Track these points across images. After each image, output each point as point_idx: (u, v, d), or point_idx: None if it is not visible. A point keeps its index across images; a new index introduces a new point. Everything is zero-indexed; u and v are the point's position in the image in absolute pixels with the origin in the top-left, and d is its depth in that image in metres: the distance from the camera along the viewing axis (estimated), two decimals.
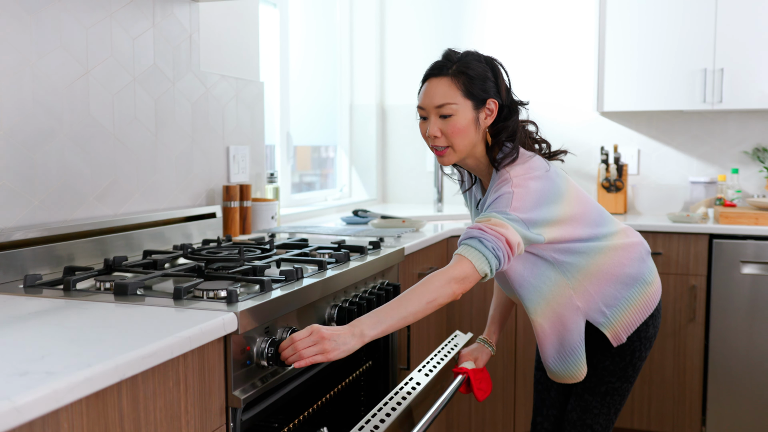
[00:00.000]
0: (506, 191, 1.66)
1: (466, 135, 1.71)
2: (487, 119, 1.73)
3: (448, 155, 1.74)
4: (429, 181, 3.90)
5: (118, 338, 1.10)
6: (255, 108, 2.69)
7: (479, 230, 1.60)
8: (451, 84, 1.70)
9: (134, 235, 2.01)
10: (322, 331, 1.39)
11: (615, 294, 1.82)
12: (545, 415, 2.07)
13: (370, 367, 2.11)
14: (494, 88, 1.74)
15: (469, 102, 1.70)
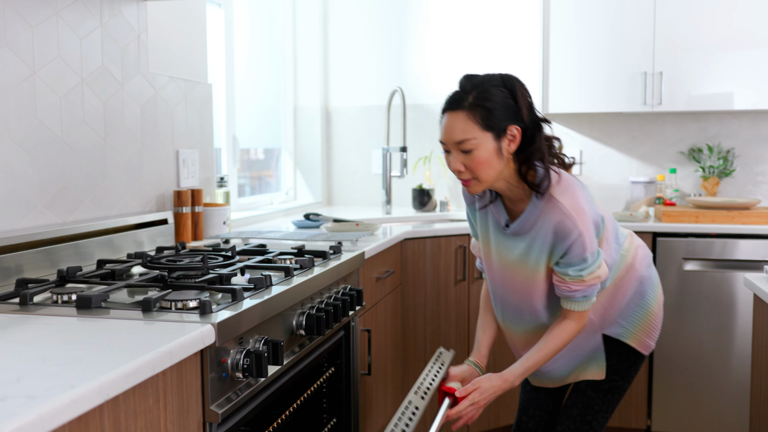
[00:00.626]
0: (575, 236, 1.70)
1: (489, 166, 1.69)
2: (510, 145, 1.69)
3: (473, 186, 1.73)
4: (374, 183, 3.88)
5: (94, 355, 1.04)
6: (204, 110, 2.62)
7: (583, 290, 1.74)
8: (468, 118, 1.67)
9: (83, 244, 1.92)
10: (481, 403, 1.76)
11: (632, 306, 1.91)
12: (531, 415, 2.09)
13: (332, 374, 2.08)
14: (515, 112, 1.68)
15: (488, 134, 1.67)
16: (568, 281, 1.74)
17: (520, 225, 1.78)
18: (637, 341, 1.91)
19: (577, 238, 1.69)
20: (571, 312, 1.78)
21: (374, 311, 2.44)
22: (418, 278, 2.87)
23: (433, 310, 2.91)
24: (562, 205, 1.70)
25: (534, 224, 1.75)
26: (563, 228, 1.70)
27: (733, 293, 2.97)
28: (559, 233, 1.70)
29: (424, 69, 3.78)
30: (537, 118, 1.72)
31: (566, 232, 1.69)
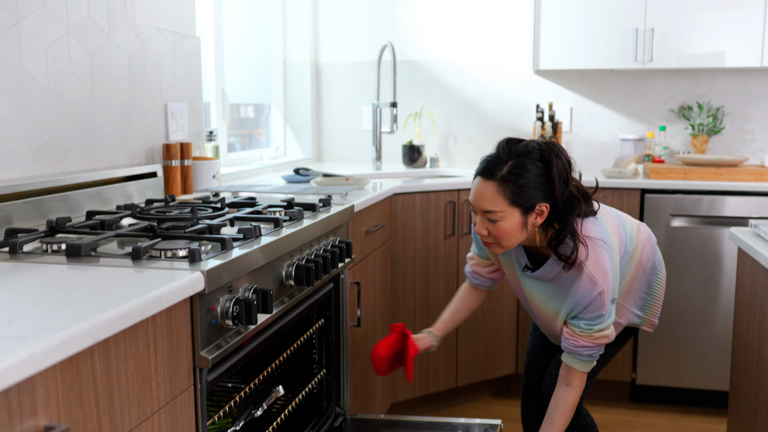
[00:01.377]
0: (596, 294, 1.75)
1: (512, 236, 1.73)
2: (537, 219, 1.71)
3: (495, 249, 1.78)
4: (364, 139, 3.87)
5: (84, 300, 1.05)
6: (192, 63, 2.59)
7: (589, 347, 1.80)
8: (498, 191, 1.69)
9: (72, 195, 1.92)
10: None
11: (643, 296, 2.01)
12: (540, 359, 2.18)
13: (322, 326, 2.10)
14: (547, 189, 1.69)
15: (516, 209, 1.69)
16: (577, 334, 1.80)
17: (543, 273, 1.83)
18: (648, 324, 2.05)
19: (597, 296, 1.75)
20: (572, 373, 1.84)
21: (363, 264, 2.46)
22: (407, 233, 2.88)
23: (423, 264, 2.94)
24: (585, 266, 1.75)
25: (556, 275, 1.81)
26: (585, 286, 1.75)
27: (720, 249, 3.01)
28: (581, 290, 1.76)
29: (415, 24, 3.75)
30: (570, 195, 1.71)
31: (588, 290, 1.75)
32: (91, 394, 0.99)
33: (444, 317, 2.14)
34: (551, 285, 1.84)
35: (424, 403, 3.11)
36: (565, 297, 1.80)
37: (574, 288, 1.78)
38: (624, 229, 1.96)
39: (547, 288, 1.85)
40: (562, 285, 1.81)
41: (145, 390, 1.12)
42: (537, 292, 1.89)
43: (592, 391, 3.24)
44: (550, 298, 1.86)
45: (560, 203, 1.70)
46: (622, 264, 1.94)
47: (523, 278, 1.92)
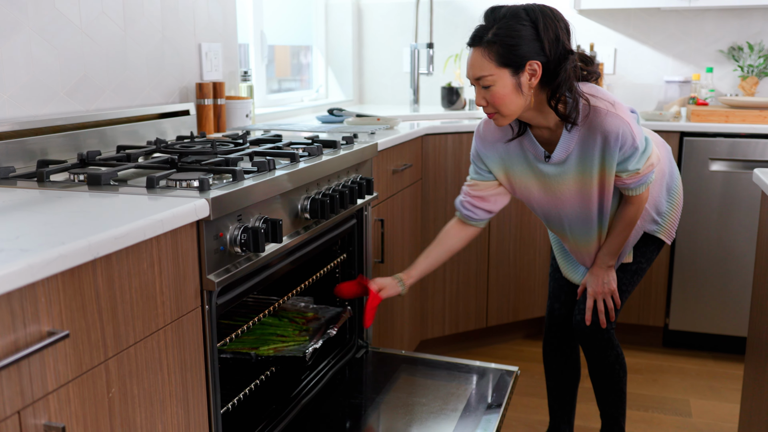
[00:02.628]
0: (623, 128, 1.75)
1: (510, 101, 1.72)
2: (531, 80, 1.71)
3: (498, 119, 1.78)
4: (405, 81, 3.88)
5: (91, 222, 1.13)
6: (227, 4, 2.64)
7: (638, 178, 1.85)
8: (484, 55, 1.70)
9: (108, 131, 2.01)
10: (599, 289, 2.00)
11: (662, 201, 2.05)
12: (563, 302, 2.21)
13: (344, 260, 2.17)
14: (536, 46, 1.68)
15: (505, 70, 1.69)
16: (624, 177, 1.84)
17: (561, 151, 1.83)
18: (666, 234, 2.08)
19: (625, 132, 1.75)
20: (630, 197, 1.91)
21: (390, 203, 2.51)
22: (438, 173, 2.91)
23: (453, 205, 2.96)
24: (598, 108, 1.75)
25: (576, 142, 1.80)
26: (609, 131, 1.75)
27: (757, 194, 2.94)
28: (607, 138, 1.76)
29: None
30: (563, 50, 1.70)
31: (613, 134, 1.75)
32: (94, 306, 1.07)
33: (418, 262, 2.06)
34: (575, 157, 1.83)
35: (454, 342, 3.18)
36: (595, 155, 1.80)
37: (600, 137, 1.77)
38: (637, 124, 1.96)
39: (573, 167, 1.85)
40: (585, 149, 1.81)
41: (150, 307, 1.21)
42: (565, 178, 1.88)
43: (624, 335, 3.25)
44: (580, 173, 1.85)
45: (552, 59, 1.69)
46: None
47: (546, 177, 1.90)
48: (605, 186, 1.87)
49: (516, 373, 2.11)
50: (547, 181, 1.92)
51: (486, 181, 2.01)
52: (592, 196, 1.90)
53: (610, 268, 2.02)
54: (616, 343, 2.09)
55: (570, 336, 2.21)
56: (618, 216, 1.95)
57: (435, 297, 3.00)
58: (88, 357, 1.06)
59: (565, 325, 2.20)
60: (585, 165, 1.84)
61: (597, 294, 2.02)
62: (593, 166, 1.83)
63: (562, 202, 1.94)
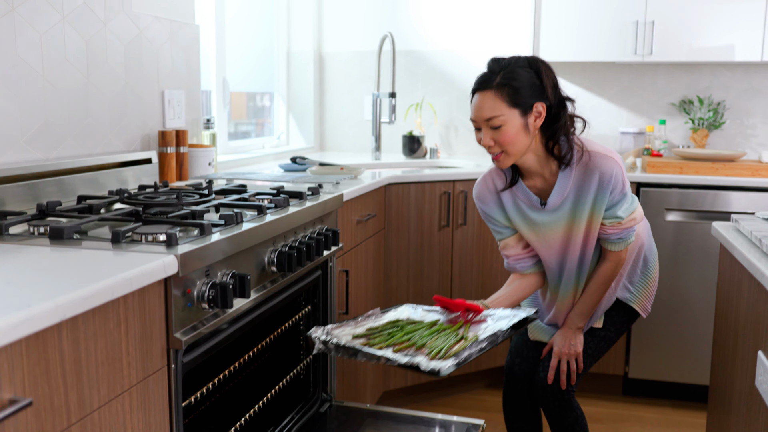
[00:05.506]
0: (616, 170, 1.86)
1: (517, 141, 1.83)
2: (536, 121, 1.83)
3: (503, 159, 1.87)
4: (366, 129, 3.90)
5: (56, 280, 1.09)
6: (190, 52, 2.63)
7: (618, 233, 1.94)
8: (496, 97, 1.81)
9: (67, 180, 1.96)
10: (564, 351, 2.02)
11: (637, 270, 2.10)
12: (524, 357, 2.17)
13: (309, 312, 2.14)
14: (540, 90, 1.82)
15: (515, 111, 1.81)
16: (607, 226, 1.93)
17: (557, 196, 1.92)
18: (640, 306, 2.12)
19: (617, 173, 1.86)
20: (607, 252, 1.98)
21: (354, 253, 2.50)
22: (401, 223, 2.91)
23: (417, 254, 2.97)
24: (596, 151, 1.88)
25: (571, 188, 1.90)
26: (604, 172, 1.85)
27: (714, 244, 3.02)
28: (602, 178, 1.86)
29: (417, 15, 3.77)
30: (561, 97, 1.85)
31: (607, 169, 1.85)
32: (59, 370, 1.03)
33: (500, 293, 2.09)
34: (570, 203, 1.92)
35: (417, 393, 3.15)
36: (587, 198, 1.89)
37: (596, 179, 1.86)
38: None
39: (565, 213, 1.94)
40: (580, 193, 1.90)
41: (116, 368, 1.17)
42: (555, 226, 1.96)
43: (584, 384, 3.26)
44: (570, 219, 1.94)
45: (554, 103, 1.83)
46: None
47: (537, 226, 1.98)
48: (590, 233, 1.95)
49: (482, 426, 2.09)
50: (538, 229, 2.00)
51: (509, 237, 2.08)
52: (575, 245, 1.97)
53: (578, 330, 2.05)
54: (576, 405, 2.08)
55: (530, 394, 2.19)
56: (594, 274, 2.02)
57: None
58: (50, 425, 1.02)
59: (525, 383, 2.17)
60: (577, 209, 1.92)
61: (563, 355, 2.04)
62: (584, 210, 1.91)
63: (548, 251, 2.02)
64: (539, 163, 1.91)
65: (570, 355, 2.04)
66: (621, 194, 1.89)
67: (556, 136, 1.85)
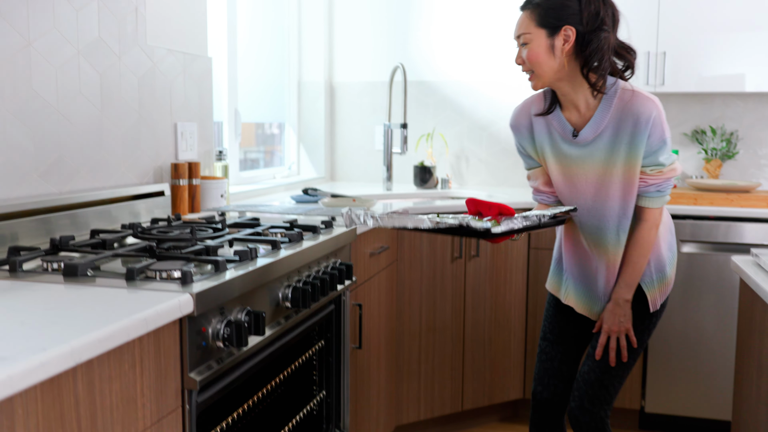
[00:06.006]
0: (655, 115, 1.82)
1: (543, 61, 1.85)
2: (564, 45, 1.83)
3: (534, 80, 1.90)
4: (377, 159, 3.89)
5: (71, 321, 1.07)
6: (203, 84, 2.64)
7: (658, 183, 1.90)
8: (527, 16, 1.87)
9: (80, 213, 1.95)
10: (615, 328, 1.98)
11: (662, 258, 2.04)
12: (546, 385, 2.16)
13: (322, 347, 2.11)
14: (575, 15, 1.82)
15: (542, 30, 1.84)
16: (648, 173, 1.88)
17: (593, 128, 1.89)
18: (652, 295, 2.03)
19: (656, 117, 1.82)
20: (645, 210, 1.93)
21: (367, 286, 2.47)
22: (414, 255, 2.89)
23: (429, 286, 2.94)
24: (638, 92, 1.85)
25: (607, 123, 1.88)
26: (642, 113, 1.83)
27: (729, 276, 2.98)
28: (639, 119, 1.83)
29: (428, 45, 3.78)
30: (600, 26, 1.82)
31: (645, 115, 1.82)
32: (73, 414, 1.01)
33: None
34: (604, 138, 1.89)
35: (430, 427, 3.10)
36: (623, 138, 1.86)
37: (631, 119, 1.84)
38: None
39: (598, 151, 1.90)
40: (615, 132, 1.87)
41: (130, 411, 1.14)
42: (587, 163, 1.92)
43: None
44: (604, 160, 1.90)
45: (587, 30, 1.81)
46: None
47: (568, 160, 1.95)
48: (629, 181, 1.89)
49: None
50: (568, 165, 1.96)
51: (535, 168, 2.09)
52: (613, 192, 1.92)
53: (627, 303, 2.00)
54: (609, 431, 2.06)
55: (553, 421, 2.16)
56: (631, 241, 1.97)
57: (410, 381, 2.94)
58: None
59: (548, 409, 2.15)
60: (613, 149, 1.88)
61: (612, 332, 2.00)
62: (620, 151, 1.88)
63: (578, 193, 1.97)
64: (574, 91, 1.90)
65: (620, 332, 2.00)
66: (661, 140, 1.85)
67: (590, 62, 1.83)
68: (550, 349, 2.17)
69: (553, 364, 2.16)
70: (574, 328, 2.15)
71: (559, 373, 2.15)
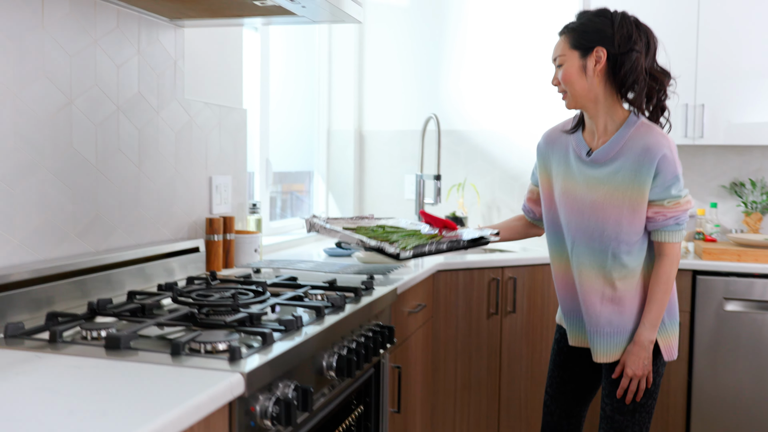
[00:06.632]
0: (666, 152, 1.86)
1: (575, 80, 1.93)
2: (596, 66, 1.91)
3: (567, 100, 1.98)
4: (407, 207, 3.84)
5: (121, 410, 1.01)
6: (238, 136, 2.60)
7: (677, 215, 1.89)
8: (564, 40, 1.96)
9: (116, 273, 1.90)
10: (638, 372, 1.93)
11: (672, 307, 2.00)
12: (551, 411, 2.21)
13: (361, 413, 2.03)
14: (608, 38, 1.89)
15: (575, 52, 1.93)
16: (666, 206, 1.88)
17: (605, 151, 1.94)
18: (665, 342, 1.99)
19: (667, 154, 1.86)
20: (663, 246, 1.91)
21: (405, 346, 2.40)
22: (449, 311, 2.81)
23: (465, 343, 2.85)
24: (651, 127, 1.90)
25: (620, 149, 1.91)
26: (651, 146, 1.86)
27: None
28: (648, 151, 1.86)
29: (459, 94, 3.75)
30: (631, 47, 1.88)
31: (655, 149, 1.85)
32: None
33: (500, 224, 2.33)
34: (615, 164, 1.91)
35: None
36: (632, 168, 1.88)
37: (641, 151, 1.87)
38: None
39: (610, 168, 1.92)
40: (627, 157, 1.90)
41: None
42: (594, 184, 1.95)
43: None
44: (610, 177, 1.92)
45: (619, 52, 1.87)
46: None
47: (575, 179, 1.98)
48: (628, 207, 1.89)
49: None
50: (575, 182, 1.99)
51: (536, 185, 2.21)
52: (609, 214, 1.92)
53: (651, 344, 1.94)
54: None
55: None
56: (653, 278, 1.93)
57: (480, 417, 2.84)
58: None
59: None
60: (617, 174, 1.91)
61: (636, 376, 1.94)
62: (624, 178, 1.90)
63: (578, 211, 1.98)
64: (598, 114, 1.95)
65: (644, 376, 1.95)
66: (674, 176, 1.87)
67: (625, 83, 1.89)
68: (550, 402, 2.21)
69: (552, 418, 2.21)
70: (571, 383, 2.16)
71: (559, 427, 2.20)
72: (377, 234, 2.08)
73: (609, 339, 1.97)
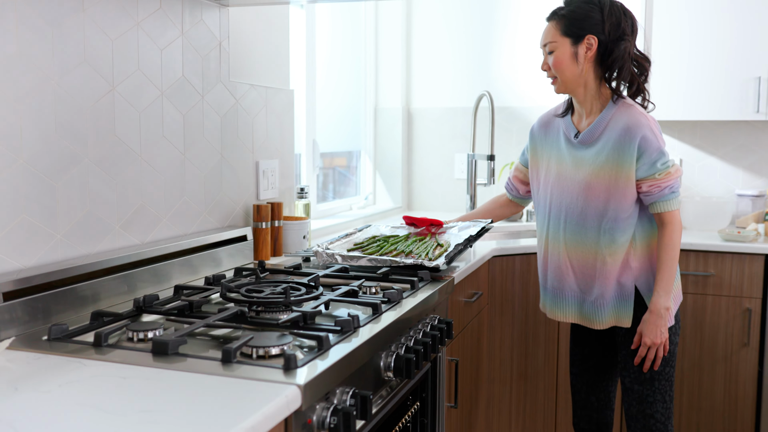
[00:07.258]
0: (646, 130, 1.92)
1: (566, 67, 1.99)
2: (587, 53, 1.97)
3: (557, 85, 2.04)
4: (457, 188, 3.71)
5: (171, 427, 0.93)
6: (285, 118, 2.50)
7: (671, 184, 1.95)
8: (554, 26, 2.00)
9: (161, 267, 1.83)
10: (656, 340, 1.96)
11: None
12: (580, 416, 2.27)
13: (417, 410, 1.94)
14: (598, 25, 1.94)
15: (566, 39, 1.98)
16: (658, 178, 1.93)
17: (590, 132, 2.01)
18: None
19: (647, 134, 1.92)
20: (665, 215, 1.96)
21: (462, 338, 2.29)
22: (506, 298, 2.70)
23: (521, 331, 2.74)
24: (631, 107, 1.97)
25: (603, 129, 1.98)
26: (631, 126, 1.92)
27: None
28: (628, 131, 1.93)
29: (511, 69, 3.59)
30: (621, 35, 1.94)
31: (635, 130, 1.92)
32: None
33: (471, 212, 2.50)
34: (599, 143, 1.99)
35: None
36: (615, 146, 1.95)
37: (623, 130, 1.93)
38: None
39: (596, 148, 2.00)
40: (611, 136, 1.96)
41: None
42: (583, 160, 2.01)
43: None
44: (596, 156, 1.99)
45: (609, 39, 1.94)
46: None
47: (566, 161, 2.06)
48: (614, 184, 1.96)
49: None
50: (565, 163, 2.07)
51: (525, 166, 2.32)
52: (597, 191, 1.99)
53: (667, 311, 1.98)
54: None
55: None
56: (660, 246, 1.98)
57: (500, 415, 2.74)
58: None
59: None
60: (602, 153, 1.98)
61: (655, 344, 1.99)
62: (608, 155, 1.96)
63: (569, 193, 2.05)
64: (586, 98, 2.02)
65: (661, 344, 1.99)
66: (658, 151, 1.93)
67: (612, 69, 1.96)
68: (576, 381, 2.27)
69: (580, 395, 2.26)
70: (592, 358, 2.22)
71: (588, 404, 2.25)
72: (386, 248, 2.14)
73: (601, 309, 2.05)
